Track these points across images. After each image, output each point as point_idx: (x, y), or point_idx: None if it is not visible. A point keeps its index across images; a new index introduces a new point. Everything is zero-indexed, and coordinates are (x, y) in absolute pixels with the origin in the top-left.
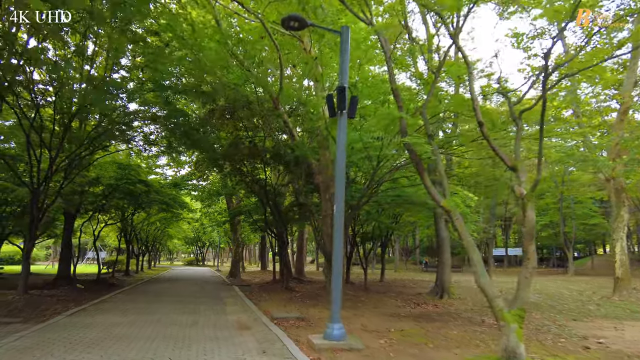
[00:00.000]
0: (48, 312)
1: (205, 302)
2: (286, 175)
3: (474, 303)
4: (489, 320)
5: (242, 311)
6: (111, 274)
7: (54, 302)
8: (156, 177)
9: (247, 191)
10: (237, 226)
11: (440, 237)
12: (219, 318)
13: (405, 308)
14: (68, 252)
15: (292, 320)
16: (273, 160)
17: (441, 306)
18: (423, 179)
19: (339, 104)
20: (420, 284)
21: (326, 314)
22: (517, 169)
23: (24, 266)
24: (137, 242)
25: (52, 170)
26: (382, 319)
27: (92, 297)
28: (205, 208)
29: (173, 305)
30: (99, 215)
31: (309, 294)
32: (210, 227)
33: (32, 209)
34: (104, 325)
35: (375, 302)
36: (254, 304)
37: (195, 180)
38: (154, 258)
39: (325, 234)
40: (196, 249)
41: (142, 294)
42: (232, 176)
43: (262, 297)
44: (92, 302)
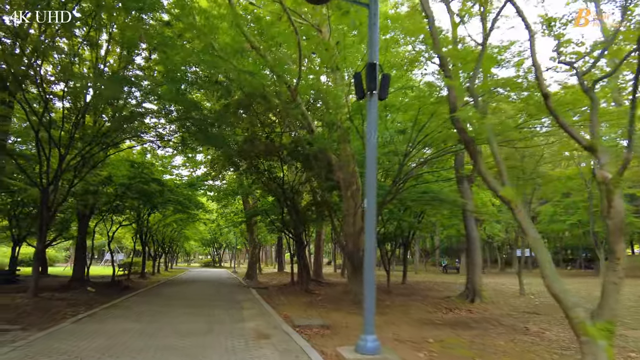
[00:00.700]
0: (56, 317)
1: (221, 307)
2: (304, 173)
3: (511, 308)
4: (534, 328)
5: (260, 316)
6: (126, 276)
7: (64, 306)
8: (171, 177)
9: (263, 190)
10: (254, 227)
11: (470, 236)
12: (236, 325)
13: (437, 314)
14: (82, 254)
15: (316, 327)
16: (290, 157)
17: (475, 311)
18: (477, 163)
19: (369, 83)
20: (445, 287)
21: (351, 320)
22: (596, 149)
23: (34, 268)
24: (153, 244)
25: (62, 169)
26: (415, 327)
27: (105, 300)
28: (221, 209)
29: (187, 309)
30: (113, 216)
31: (330, 297)
32: (227, 228)
33: (41, 208)
34: (111, 333)
35: (402, 307)
36: (272, 308)
37: (210, 180)
38: (171, 260)
39: (348, 234)
40: (213, 251)
41: (156, 297)
42: (249, 174)
43: (281, 300)
44: (103, 306)
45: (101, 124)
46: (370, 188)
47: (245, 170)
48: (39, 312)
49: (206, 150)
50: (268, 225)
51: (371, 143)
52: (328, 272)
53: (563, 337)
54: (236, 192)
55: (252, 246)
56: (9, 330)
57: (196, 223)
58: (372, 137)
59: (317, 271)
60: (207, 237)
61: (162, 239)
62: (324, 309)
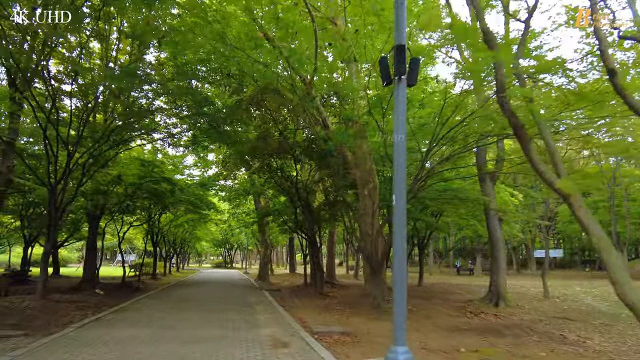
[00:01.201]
0: (62, 321)
1: (233, 310)
2: (318, 171)
3: (539, 312)
4: (572, 337)
5: (275, 321)
6: (137, 278)
7: (72, 309)
8: (182, 177)
9: (276, 190)
10: (265, 227)
11: (493, 237)
12: (250, 332)
13: (462, 318)
14: (93, 255)
15: (336, 334)
16: (304, 155)
17: (502, 316)
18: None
19: (397, 67)
20: (464, 289)
21: (373, 326)
22: None
23: (42, 269)
24: (164, 245)
25: (70, 168)
26: (442, 334)
27: (114, 302)
28: (233, 209)
29: (198, 314)
30: (124, 216)
31: (346, 300)
32: (238, 229)
33: (50, 208)
34: (116, 340)
35: (424, 312)
36: (287, 312)
37: (222, 180)
38: (183, 261)
39: (365, 235)
40: (224, 252)
41: (166, 299)
42: (261, 173)
43: (295, 303)
44: (111, 309)
45: (110, 121)
46: (398, 182)
47: (257, 169)
48: (46, 315)
49: (217, 150)
50: (280, 225)
51: (399, 132)
52: (340, 273)
53: (610, 349)
54: (248, 191)
55: (263, 247)
56: (11, 337)
57: (207, 223)
58: (401, 126)
59: (330, 273)
60: (219, 238)
61: (174, 240)
62: (341, 313)
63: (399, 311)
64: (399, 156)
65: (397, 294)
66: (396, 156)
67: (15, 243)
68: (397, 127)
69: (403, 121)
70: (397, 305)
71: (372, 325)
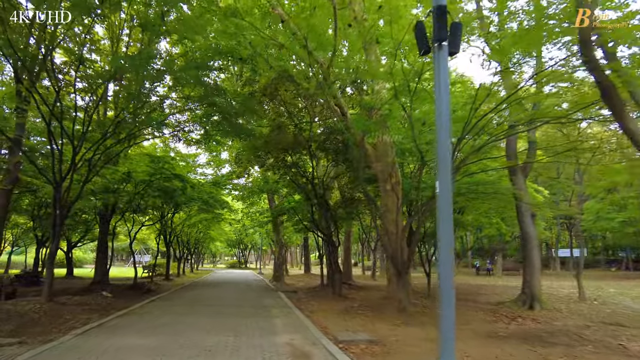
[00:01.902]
0: (65, 326)
1: (248, 314)
2: (334, 167)
3: (581, 317)
4: (634, 347)
5: (294, 327)
6: (150, 279)
7: (78, 312)
8: (195, 176)
9: (290, 187)
10: (280, 227)
11: (526, 234)
12: (268, 339)
13: (498, 323)
14: (104, 256)
15: (362, 343)
16: (320, 149)
17: (542, 320)
18: (622, 118)
19: (437, 31)
20: (489, 290)
21: (401, 333)
22: None
23: (48, 271)
24: (178, 245)
25: (75, 163)
26: (481, 342)
27: (123, 305)
28: (246, 208)
29: (210, 318)
30: (136, 216)
31: (368, 303)
32: (252, 229)
33: (54, 205)
34: (117, 348)
35: (457, 316)
36: (306, 316)
37: (235, 178)
38: (197, 261)
39: (390, 233)
40: (238, 252)
41: (177, 302)
42: (275, 169)
43: (313, 306)
44: (118, 313)
45: (118, 112)
46: (443, 163)
47: (271, 166)
48: (49, 319)
49: (230, 147)
50: (295, 224)
51: (443, 106)
52: (356, 274)
53: None
54: (262, 189)
55: (278, 247)
56: (2, 346)
57: (221, 223)
58: (444, 98)
59: (347, 273)
60: (233, 238)
61: (187, 240)
62: (364, 317)
63: (447, 318)
64: (443, 135)
65: (444, 298)
66: (440, 135)
67: (31, 244)
68: (439, 102)
69: (446, 94)
70: (445, 310)
71: (400, 331)
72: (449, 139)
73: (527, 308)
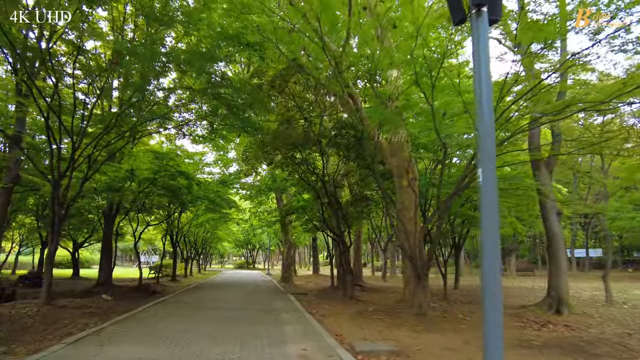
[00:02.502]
0: (59, 333)
1: (256, 320)
2: (345, 164)
3: (618, 323)
4: None
5: (306, 334)
6: (156, 280)
7: (77, 316)
8: (203, 175)
9: (299, 186)
10: (288, 227)
11: (552, 233)
12: (277, 349)
13: (527, 330)
14: (108, 257)
15: (383, 354)
16: (331, 145)
17: (575, 327)
18: None
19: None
20: (507, 292)
21: (424, 341)
22: None
23: (47, 272)
24: (185, 245)
25: (75, 159)
26: (516, 352)
27: (125, 308)
28: (254, 207)
29: (215, 324)
30: (141, 215)
31: (383, 306)
32: (260, 229)
33: (53, 204)
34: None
35: (476, 320)
36: (318, 322)
37: (243, 178)
38: (204, 261)
39: (409, 233)
40: (246, 252)
41: (182, 305)
42: (284, 166)
43: (324, 309)
44: (119, 318)
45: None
46: (486, 145)
47: (280, 163)
48: (44, 324)
49: (237, 146)
50: (304, 224)
51: (483, 82)
52: (366, 274)
53: None
54: (270, 187)
55: (286, 247)
56: None
57: (229, 223)
58: (484, 73)
59: (357, 274)
60: (240, 238)
61: (195, 240)
62: (380, 322)
63: (493, 324)
64: (487, 116)
65: (489, 301)
66: (482, 115)
67: (38, 244)
68: (478, 77)
69: (487, 69)
70: (490, 314)
71: (422, 339)
72: (492, 120)
73: (553, 312)
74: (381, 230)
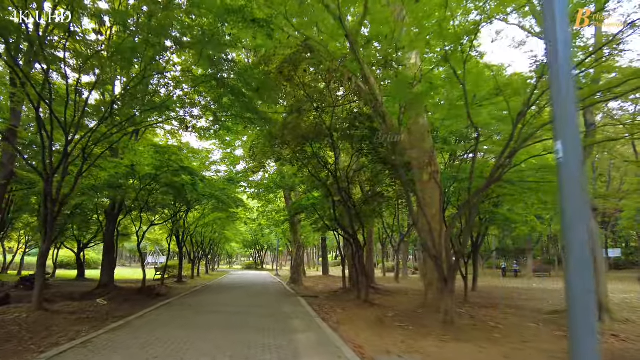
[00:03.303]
0: (45, 342)
1: (264, 328)
2: (358, 158)
3: None
4: None
5: (320, 346)
6: (160, 282)
7: (69, 323)
8: (211, 174)
9: (309, 183)
10: (297, 226)
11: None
12: None
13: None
14: (110, 257)
15: None
16: (344, 138)
17: (626, 337)
18: None
19: None
20: (530, 294)
21: (453, 353)
22: None
23: (38, 274)
24: (192, 246)
25: (68, 153)
26: None
27: (124, 313)
28: (262, 207)
29: (218, 332)
30: (145, 215)
31: (402, 312)
32: (268, 229)
33: (45, 201)
34: None
35: (512, 327)
36: (333, 329)
37: (251, 175)
38: (213, 262)
39: (434, 231)
40: (255, 253)
41: (185, 310)
42: (294, 161)
43: (338, 314)
44: (114, 325)
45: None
46: (565, 113)
47: (289, 157)
48: (30, 333)
49: (244, 144)
50: (314, 223)
51: (561, 21)
52: (377, 276)
53: None
54: (279, 185)
55: (296, 247)
56: None
57: (236, 223)
58: (560, 19)
59: (369, 275)
60: (249, 239)
61: (202, 240)
62: (402, 331)
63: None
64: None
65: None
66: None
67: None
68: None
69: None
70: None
71: (452, 351)
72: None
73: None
74: (393, 230)
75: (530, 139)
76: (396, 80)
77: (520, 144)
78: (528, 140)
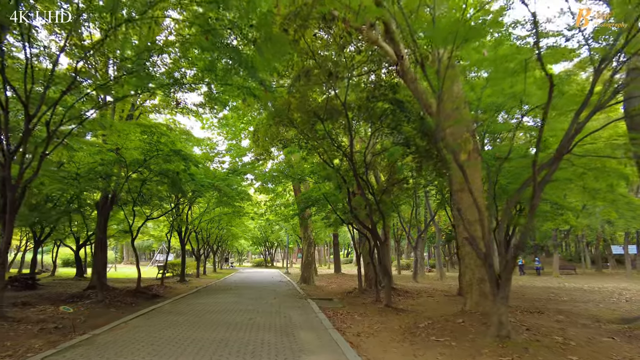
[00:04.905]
0: None
1: (267, 342)
2: (379, 138)
3: None
4: None
5: None
6: (160, 281)
7: (28, 335)
8: (217, 166)
9: (320, 171)
10: (308, 221)
11: None
12: None
13: None
14: (101, 256)
15: None
16: (362, 112)
17: None
18: None
19: None
20: (567, 295)
21: None
22: None
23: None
24: (197, 243)
25: (30, 129)
26: None
27: (101, 321)
28: (270, 201)
29: (209, 349)
30: (141, 208)
31: (434, 318)
32: (277, 225)
33: (3, 187)
34: None
35: (583, 344)
36: (352, 345)
37: (257, 168)
38: (220, 260)
39: (474, 222)
40: (264, 250)
41: (177, 317)
42: (302, 142)
43: (357, 322)
44: (78, 339)
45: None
46: None
47: (297, 138)
48: None
49: (250, 134)
50: (326, 217)
51: None
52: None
53: None
54: (287, 174)
55: (306, 244)
56: None
57: (243, 218)
58: None
59: (391, 275)
60: (258, 236)
61: (208, 237)
62: (443, 348)
63: None
64: None
65: None
66: None
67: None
68: None
69: None
70: None
71: None
72: None
73: None
74: (411, 225)
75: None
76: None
77: (608, 98)
78: (618, 94)
